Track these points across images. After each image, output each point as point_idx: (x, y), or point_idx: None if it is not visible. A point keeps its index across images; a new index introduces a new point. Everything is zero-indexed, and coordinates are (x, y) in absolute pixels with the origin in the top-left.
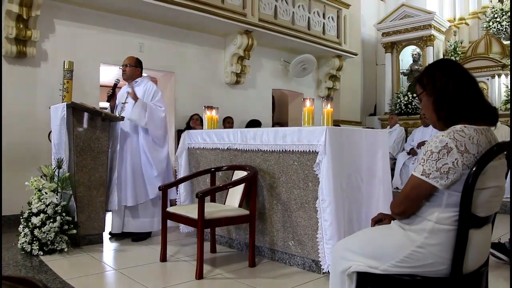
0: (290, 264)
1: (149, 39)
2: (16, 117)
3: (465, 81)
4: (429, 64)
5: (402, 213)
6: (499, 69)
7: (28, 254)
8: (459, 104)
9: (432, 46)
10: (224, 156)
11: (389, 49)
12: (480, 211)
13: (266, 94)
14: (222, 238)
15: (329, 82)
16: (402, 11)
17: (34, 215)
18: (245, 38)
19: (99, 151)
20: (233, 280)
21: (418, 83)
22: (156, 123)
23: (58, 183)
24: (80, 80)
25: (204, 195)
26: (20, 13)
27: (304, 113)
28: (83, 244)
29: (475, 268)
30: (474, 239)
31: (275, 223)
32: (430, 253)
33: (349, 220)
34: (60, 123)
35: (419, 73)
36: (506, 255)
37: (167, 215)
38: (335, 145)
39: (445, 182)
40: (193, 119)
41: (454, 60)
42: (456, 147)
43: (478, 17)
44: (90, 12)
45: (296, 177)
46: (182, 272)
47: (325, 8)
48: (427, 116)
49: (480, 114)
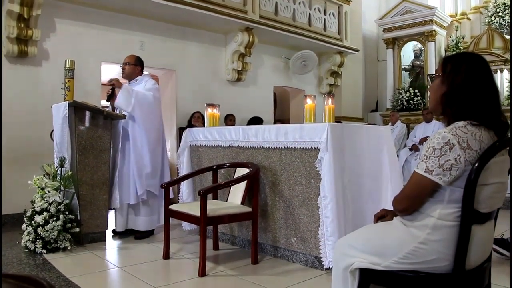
0: (292, 261)
1: (150, 37)
2: (18, 116)
3: (486, 90)
4: (464, 53)
5: (404, 210)
6: (502, 64)
7: (32, 253)
8: (469, 109)
9: (434, 42)
10: (226, 153)
11: (390, 45)
12: (482, 207)
13: (268, 91)
14: (225, 236)
15: (331, 78)
16: (403, 6)
17: (37, 213)
18: (246, 35)
19: (101, 149)
20: (235, 277)
21: (442, 64)
22: (143, 108)
23: (61, 181)
24: (81, 78)
25: (206, 192)
26: (21, 12)
27: (306, 110)
28: (86, 242)
29: (478, 264)
30: (476, 235)
31: (277, 220)
32: (432, 249)
33: (352, 216)
34: (62, 122)
35: (449, 55)
36: (508, 251)
37: (169, 213)
38: (337, 141)
39: (448, 178)
40: (194, 117)
41: (487, 63)
42: (458, 143)
43: (480, 12)
44: (91, 11)
45: (298, 174)
46: (185, 270)
47: (326, 4)
48: (430, 99)
49: (491, 125)
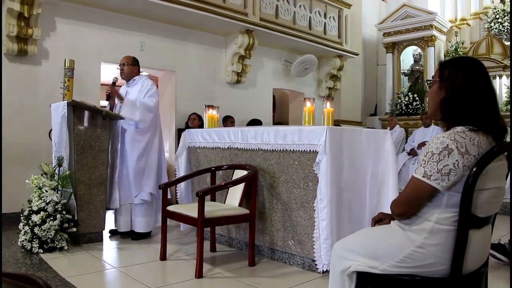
0: (289, 263)
1: (150, 38)
2: (17, 115)
3: (484, 94)
4: (460, 58)
5: (402, 214)
6: (501, 70)
7: (28, 252)
8: (468, 114)
9: (433, 47)
10: (225, 155)
11: (390, 49)
12: (480, 212)
13: (267, 94)
14: (222, 237)
15: (330, 82)
16: (404, 11)
17: (35, 213)
18: (246, 37)
19: (100, 149)
20: (232, 279)
21: (439, 69)
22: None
23: (59, 181)
24: (81, 78)
25: (204, 194)
26: (21, 11)
27: (305, 112)
28: (83, 242)
29: (475, 269)
30: (474, 239)
31: (275, 223)
32: (429, 253)
33: (349, 219)
34: (61, 121)
35: (446, 60)
36: (506, 256)
37: (167, 214)
38: (335, 145)
39: (446, 183)
40: (190, 119)
41: (485, 67)
42: (456, 149)
43: (480, 18)
44: (91, 11)
45: (297, 176)
46: (181, 271)
47: (327, 8)
48: (429, 104)
49: (489, 129)
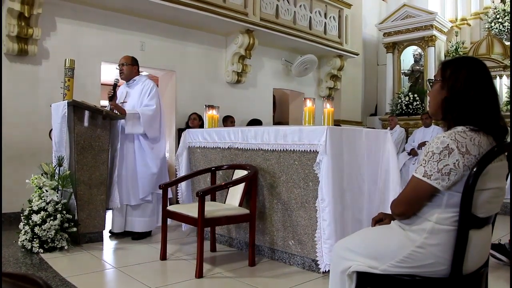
0: (290, 263)
1: (150, 38)
2: (17, 115)
3: (486, 95)
4: (463, 58)
5: (402, 214)
6: (501, 70)
7: (29, 252)
8: (470, 115)
9: (434, 47)
10: (225, 155)
11: (390, 49)
12: (480, 212)
13: (267, 94)
14: (222, 237)
15: (330, 82)
16: (404, 11)
17: (35, 212)
18: (246, 37)
19: (100, 149)
20: (232, 279)
21: (441, 69)
22: (151, 124)
23: (59, 181)
24: (81, 78)
25: (204, 194)
26: (21, 11)
27: (305, 112)
28: (83, 242)
29: (475, 269)
30: (474, 239)
31: (275, 223)
32: (430, 253)
33: (350, 219)
34: (61, 121)
35: (449, 59)
36: (506, 256)
37: (167, 214)
38: (336, 145)
39: (446, 183)
40: (191, 119)
41: (487, 67)
42: (457, 148)
43: (480, 18)
44: (91, 10)
45: (297, 176)
46: (182, 271)
47: (327, 8)
48: (430, 104)
49: (490, 130)
